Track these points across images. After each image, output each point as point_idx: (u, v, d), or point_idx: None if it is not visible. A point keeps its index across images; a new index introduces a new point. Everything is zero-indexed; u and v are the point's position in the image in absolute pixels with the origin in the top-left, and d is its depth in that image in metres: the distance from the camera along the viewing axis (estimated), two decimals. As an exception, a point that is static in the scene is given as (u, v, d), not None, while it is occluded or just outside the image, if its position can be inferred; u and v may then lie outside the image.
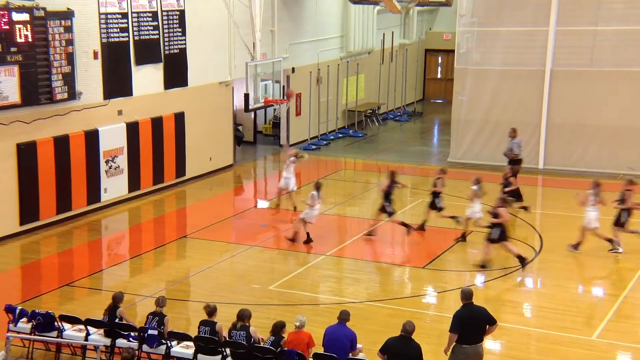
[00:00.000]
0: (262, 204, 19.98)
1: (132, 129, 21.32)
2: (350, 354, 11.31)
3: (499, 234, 16.63)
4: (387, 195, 18.51)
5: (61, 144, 19.25)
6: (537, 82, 25.19)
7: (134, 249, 18.66)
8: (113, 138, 20.72)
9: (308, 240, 18.25)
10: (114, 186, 20.91)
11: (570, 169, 24.26)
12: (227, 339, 11.75)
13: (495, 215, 16.66)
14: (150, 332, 12.08)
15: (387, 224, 19.14)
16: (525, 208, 20.21)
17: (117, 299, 12.55)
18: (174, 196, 22.60)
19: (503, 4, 25.59)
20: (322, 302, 15.10)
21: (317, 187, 18.37)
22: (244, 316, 11.75)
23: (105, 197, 20.75)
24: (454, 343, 11.04)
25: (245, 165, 26.52)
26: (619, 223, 17.69)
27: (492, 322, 11.16)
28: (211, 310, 12.00)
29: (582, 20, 24.66)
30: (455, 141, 26.55)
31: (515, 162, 21.93)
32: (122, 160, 21.10)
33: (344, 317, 11.53)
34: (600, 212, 17.58)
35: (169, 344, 12.13)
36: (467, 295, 11.17)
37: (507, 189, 19.74)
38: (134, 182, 21.61)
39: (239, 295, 15.15)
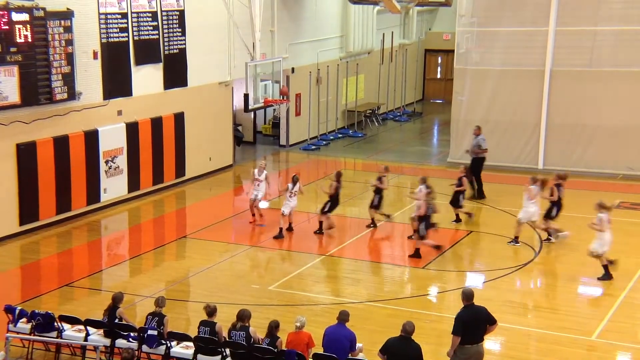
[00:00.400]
0: (262, 204, 19.94)
1: (132, 129, 21.31)
2: (350, 355, 11.31)
3: (424, 227, 17.09)
4: (335, 196, 18.93)
5: (61, 144, 19.24)
6: (536, 82, 25.17)
7: (133, 249, 18.65)
8: (113, 138, 20.72)
9: (289, 229, 18.92)
10: (113, 186, 20.90)
11: (570, 169, 24.18)
12: (227, 339, 11.75)
13: (418, 207, 17.28)
14: (149, 332, 12.08)
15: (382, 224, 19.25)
16: (463, 211, 19.98)
17: (116, 299, 12.55)
18: (173, 196, 22.59)
19: (503, 4, 25.58)
20: (322, 302, 15.09)
21: (294, 180, 18.83)
22: (243, 316, 11.75)
23: (105, 198, 20.74)
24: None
25: (244, 165, 26.48)
26: (549, 216, 18.20)
27: (492, 321, 11.15)
28: (211, 311, 11.99)
29: (581, 20, 24.64)
30: (455, 141, 26.53)
31: (477, 160, 21.94)
32: (122, 161, 21.09)
33: (343, 317, 11.52)
34: (539, 207, 18.13)
35: (169, 344, 12.12)
36: (468, 296, 11.15)
37: (457, 188, 19.69)
38: (133, 182, 21.60)
39: (239, 296, 15.15)
